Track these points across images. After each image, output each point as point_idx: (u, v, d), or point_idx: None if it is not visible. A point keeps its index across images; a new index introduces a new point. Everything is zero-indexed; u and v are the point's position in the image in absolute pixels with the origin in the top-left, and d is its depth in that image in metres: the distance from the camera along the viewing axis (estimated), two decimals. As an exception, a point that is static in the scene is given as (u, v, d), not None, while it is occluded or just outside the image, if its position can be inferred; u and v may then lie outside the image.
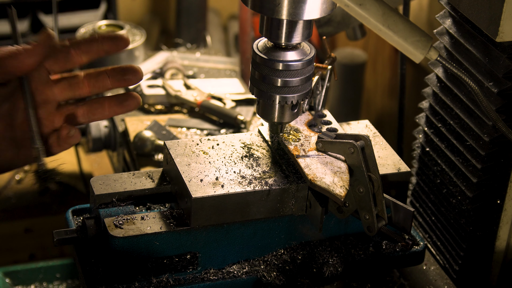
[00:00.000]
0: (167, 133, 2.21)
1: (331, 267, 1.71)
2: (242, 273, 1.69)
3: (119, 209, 1.67)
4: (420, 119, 2.01)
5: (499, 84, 1.72)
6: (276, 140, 1.78)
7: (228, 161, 1.71)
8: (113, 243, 1.59)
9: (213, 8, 4.00)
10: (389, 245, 1.78)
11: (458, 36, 1.81)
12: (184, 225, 1.64)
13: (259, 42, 1.69)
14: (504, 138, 1.75)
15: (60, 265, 2.46)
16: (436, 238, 1.99)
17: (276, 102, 1.69)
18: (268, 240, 1.72)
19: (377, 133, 1.87)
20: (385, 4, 1.58)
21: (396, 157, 1.79)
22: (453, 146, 1.88)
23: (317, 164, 1.69)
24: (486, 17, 1.66)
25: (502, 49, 1.69)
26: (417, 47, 1.60)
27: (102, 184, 1.71)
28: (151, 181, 1.74)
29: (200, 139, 1.77)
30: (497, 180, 1.81)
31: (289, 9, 1.57)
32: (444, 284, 1.83)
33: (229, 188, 1.64)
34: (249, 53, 2.86)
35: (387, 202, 1.68)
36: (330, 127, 1.81)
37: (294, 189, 1.67)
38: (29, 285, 2.44)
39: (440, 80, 1.90)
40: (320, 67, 1.83)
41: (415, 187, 2.06)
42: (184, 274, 1.67)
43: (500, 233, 1.85)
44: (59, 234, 1.67)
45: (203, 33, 3.59)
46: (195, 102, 2.32)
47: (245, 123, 2.24)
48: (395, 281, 1.81)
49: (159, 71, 2.51)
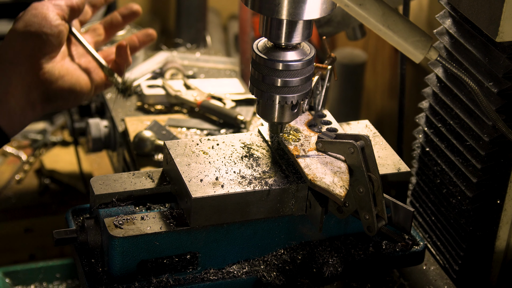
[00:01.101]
0: (167, 133, 2.21)
1: (331, 267, 1.71)
2: (242, 273, 1.69)
3: (119, 209, 1.67)
4: (420, 119, 2.01)
5: (499, 84, 1.72)
6: (276, 140, 1.78)
7: (228, 161, 1.71)
8: (113, 243, 1.59)
9: (213, 8, 4.00)
10: (389, 245, 1.78)
11: (458, 36, 1.81)
12: (184, 225, 1.64)
13: (259, 42, 1.69)
14: (504, 138, 1.75)
15: (60, 265, 2.46)
16: (436, 238, 1.99)
17: (276, 102, 1.69)
18: (268, 240, 1.72)
19: (377, 133, 1.87)
20: (385, 4, 1.58)
21: (396, 157, 1.79)
22: (453, 146, 1.88)
23: (317, 164, 1.69)
24: (486, 17, 1.66)
25: (502, 49, 1.69)
26: (417, 47, 1.60)
27: (102, 184, 1.71)
28: (151, 181, 1.74)
29: (200, 139, 1.77)
30: (497, 180, 1.81)
31: (289, 9, 1.57)
32: (444, 284, 1.83)
33: (229, 188, 1.64)
34: (249, 53, 2.86)
35: (387, 202, 1.68)
36: (330, 127, 1.81)
37: (294, 189, 1.67)
38: (29, 285, 2.44)
39: (440, 80, 1.90)
40: (320, 67, 1.83)
41: (415, 187, 2.06)
42: (184, 274, 1.67)
43: (500, 233, 1.85)
44: (59, 234, 1.67)
45: (203, 33, 3.59)
46: (195, 102, 2.32)
47: (245, 123, 2.24)
48: (395, 281, 1.81)
49: (159, 71, 2.51)
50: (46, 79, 1.81)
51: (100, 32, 2.05)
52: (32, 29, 1.81)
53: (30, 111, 1.81)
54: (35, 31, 1.81)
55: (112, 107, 2.28)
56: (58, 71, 1.85)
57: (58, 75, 1.84)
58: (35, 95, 1.81)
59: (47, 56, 1.83)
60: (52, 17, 1.84)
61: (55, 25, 1.84)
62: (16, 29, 1.83)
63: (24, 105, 1.79)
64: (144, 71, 2.49)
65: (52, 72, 1.83)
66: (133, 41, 2.07)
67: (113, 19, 2.07)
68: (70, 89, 1.86)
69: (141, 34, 2.09)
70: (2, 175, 2.72)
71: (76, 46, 1.97)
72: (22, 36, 1.81)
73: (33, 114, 1.82)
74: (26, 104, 1.79)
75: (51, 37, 1.83)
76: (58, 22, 1.85)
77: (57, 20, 1.85)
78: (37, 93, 1.81)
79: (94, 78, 1.95)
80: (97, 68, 1.98)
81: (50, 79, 1.82)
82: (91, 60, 1.98)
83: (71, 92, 1.87)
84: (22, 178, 2.73)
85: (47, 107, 1.84)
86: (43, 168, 2.74)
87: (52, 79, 1.82)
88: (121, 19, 2.07)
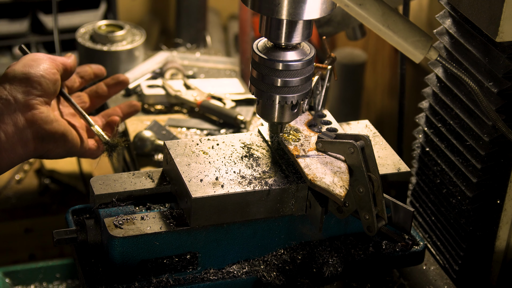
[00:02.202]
0: (167, 133, 2.21)
1: (331, 267, 1.71)
2: (242, 273, 1.69)
3: (119, 209, 1.67)
4: (420, 119, 2.01)
5: (499, 84, 1.72)
6: (276, 140, 1.78)
7: (228, 161, 1.71)
8: (113, 243, 1.59)
9: (213, 8, 4.00)
10: (389, 245, 1.78)
11: (458, 36, 1.81)
12: (184, 225, 1.64)
13: (259, 42, 1.69)
14: (504, 138, 1.75)
15: (60, 265, 2.46)
16: (436, 238, 1.99)
17: (276, 102, 1.69)
18: (268, 240, 1.72)
19: (377, 133, 1.87)
20: (385, 4, 1.58)
21: (396, 157, 1.79)
22: (453, 146, 1.88)
23: (317, 164, 1.69)
24: (486, 17, 1.66)
25: (502, 49, 1.69)
26: (417, 47, 1.60)
27: (102, 184, 1.71)
28: (151, 181, 1.74)
29: (200, 139, 1.77)
30: (497, 180, 1.81)
31: (289, 9, 1.57)
32: (444, 284, 1.83)
33: (229, 188, 1.64)
34: (249, 53, 2.86)
35: (387, 202, 1.68)
36: (330, 127, 1.81)
37: (294, 189, 1.67)
38: (29, 285, 2.44)
39: (440, 80, 1.90)
40: (320, 67, 1.83)
41: (415, 187, 2.06)
42: (184, 274, 1.67)
43: (500, 233, 1.85)
44: (59, 234, 1.68)
45: (203, 33, 3.59)
46: (195, 102, 2.32)
47: (245, 123, 2.24)
48: (395, 281, 1.81)
49: (159, 71, 2.51)
50: (42, 119, 1.81)
51: (85, 99, 2.03)
52: (31, 70, 1.82)
53: (22, 148, 1.79)
54: (34, 72, 1.82)
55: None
56: (52, 115, 1.84)
57: (53, 118, 1.83)
58: (28, 133, 1.79)
59: (42, 99, 1.82)
60: (50, 66, 1.85)
61: (52, 72, 1.85)
62: (14, 68, 1.83)
63: (15, 142, 1.78)
64: (144, 71, 2.49)
65: (48, 113, 1.83)
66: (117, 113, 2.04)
67: (98, 89, 2.04)
68: (63, 134, 1.84)
69: (125, 105, 2.06)
70: (2, 175, 2.72)
71: (65, 107, 1.96)
72: (20, 75, 1.82)
73: (25, 152, 1.80)
74: (17, 142, 1.78)
75: (48, 81, 1.84)
76: (55, 71, 1.86)
77: (55, 69, 1.86)
78: (31, 132, 1.80)
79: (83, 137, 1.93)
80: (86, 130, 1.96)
81: (46, 120, 1.81)
82: (80, 121, 1.96)
83: (63, 137, 1.85)
84: (22, 178, 2.73)
85: (39, 147, 1.82)
86: (43, 168, 2.74)
87: (48, 120, 1.82)
88: (107, 89, 2.05)
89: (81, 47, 2.50)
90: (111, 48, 2.47)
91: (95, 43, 2.49)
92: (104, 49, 2.47)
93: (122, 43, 2.50)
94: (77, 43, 2.51)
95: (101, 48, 2.47)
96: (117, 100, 2.38)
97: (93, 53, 2.47)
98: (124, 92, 2.42)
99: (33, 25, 3.44)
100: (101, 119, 2.02)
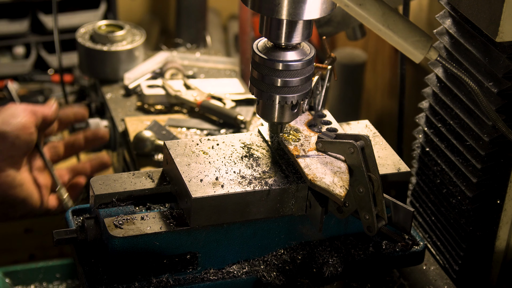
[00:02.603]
0: (167, 133, 2.21)
1: (331, 267, 1.71)
2: (242, 273, 1.69)
3: (119, 209, 1.67)
4: (420, 119, 2.01)
5: (499, 84, 1.72)
6: (276, 140, 1.78)
7: (228, 161, 1.71)
8: (113, 243, 1.59)
9: (213, 8, 4.00)
10: (389, 245, 1.78)
11: (458, 36, 1.81)
12: (184, 225, 1.64)
13: (259, 42, 1.69)
14: (504, 138, 1.75)
15: (60, 265, 2.47)
16: (436, 238, 1.99)
17: (276, 102, 1.69)
18: (268, 240, 1.72)
19: (377, 133, 1.87)
20: (385, 4, 1.58)
21: (396, 157, 1.79)
22: (453, 146, 1.88)
23: (317, 164, 1.69)
24: (486, 17, 1.66)
25: (502, 49, 1.69)
26: (417, 47, 1.60)
27: (102, 184, 1.71)
28: (151, 181, 1.74)
29: (200, 139, 1.77)
30: (497, 180, 1.81)
31: (289, 9, 1.57)
32: (444, 284, 1.83)
33: (229, 188, 1.64)
34: (249, 53, 2.86)
35: (387, 202, 1.68)
36: (330, 127, 1.81)
37: (294, 189, 1.67)
38: (29, 285, 2.44)
39: (440, 80, 1.90)
40: (320, 67, 1.83)
41: (415, 187, 2.06)
42: (184, 274, 1.67)
43: (500, 233, 1.85)
44: (59, 234, 1.68)
45: (203, 33, 3.59)
46: (195, 102, 2.32)
47: (245, 123, 2.24)
48: (395, 281, 1.81)
49: (159, 71, 2.51)
50: (6, 182, 1.78)
51: (60, 150, 1.99)
52: (7, 129, 1.79)
53: None
54: (10, 131, 1.79)
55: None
56: (18, 179, 1.81)
57: (18, 183, 1.80)
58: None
59: (12, 159, 1.79)
60: (28, 124, 1.81)
61: (29, 132, 1.82)
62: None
63: None
64: (144, 71, 2.49)
65: (14, 177, 1.80)
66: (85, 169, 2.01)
67: (75, 141, 2.01)
68: (23, 200, 1.81)
69: (95, 161, 2.03)
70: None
71: (36, 160, 1.92)
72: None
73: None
74: None
75: (23, 142, 1.81)
76: (32, 130, 1.82)
77: (32, 127, 1.83)
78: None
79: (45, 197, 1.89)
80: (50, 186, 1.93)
81: (10, 184, 1.78)
82: (47, 177, 1.92)
83: (23, 203, 1.82)
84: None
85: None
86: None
87: (12, 185, 1.79)
88: (83, 144, 2.01)
89: (81, 47, 2.50)
90: (111, 48, 2.48)
91: (95, 43, 2.49)
92: (104, 49, 2.47)
93: (122, 43, 2.50)
94: (77, 43, 2.51)
95: (101, 48, 2.47)
96: (117, 100, 2.38)
97: (93, 53, 2.47)
98: (124, 92, 2.42)
99: (33, 25, 3.44)
100: (68, 174, 1.99)
